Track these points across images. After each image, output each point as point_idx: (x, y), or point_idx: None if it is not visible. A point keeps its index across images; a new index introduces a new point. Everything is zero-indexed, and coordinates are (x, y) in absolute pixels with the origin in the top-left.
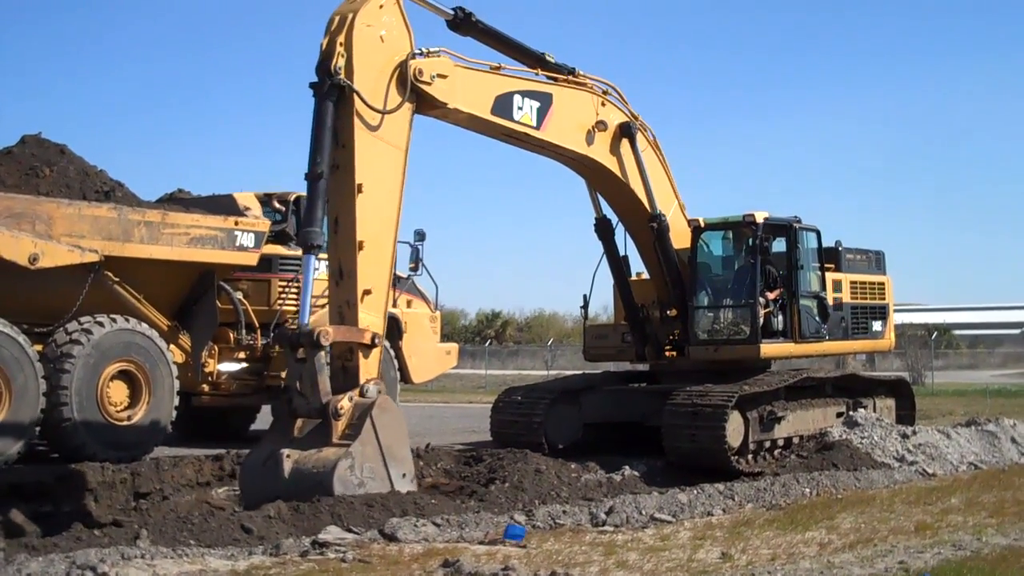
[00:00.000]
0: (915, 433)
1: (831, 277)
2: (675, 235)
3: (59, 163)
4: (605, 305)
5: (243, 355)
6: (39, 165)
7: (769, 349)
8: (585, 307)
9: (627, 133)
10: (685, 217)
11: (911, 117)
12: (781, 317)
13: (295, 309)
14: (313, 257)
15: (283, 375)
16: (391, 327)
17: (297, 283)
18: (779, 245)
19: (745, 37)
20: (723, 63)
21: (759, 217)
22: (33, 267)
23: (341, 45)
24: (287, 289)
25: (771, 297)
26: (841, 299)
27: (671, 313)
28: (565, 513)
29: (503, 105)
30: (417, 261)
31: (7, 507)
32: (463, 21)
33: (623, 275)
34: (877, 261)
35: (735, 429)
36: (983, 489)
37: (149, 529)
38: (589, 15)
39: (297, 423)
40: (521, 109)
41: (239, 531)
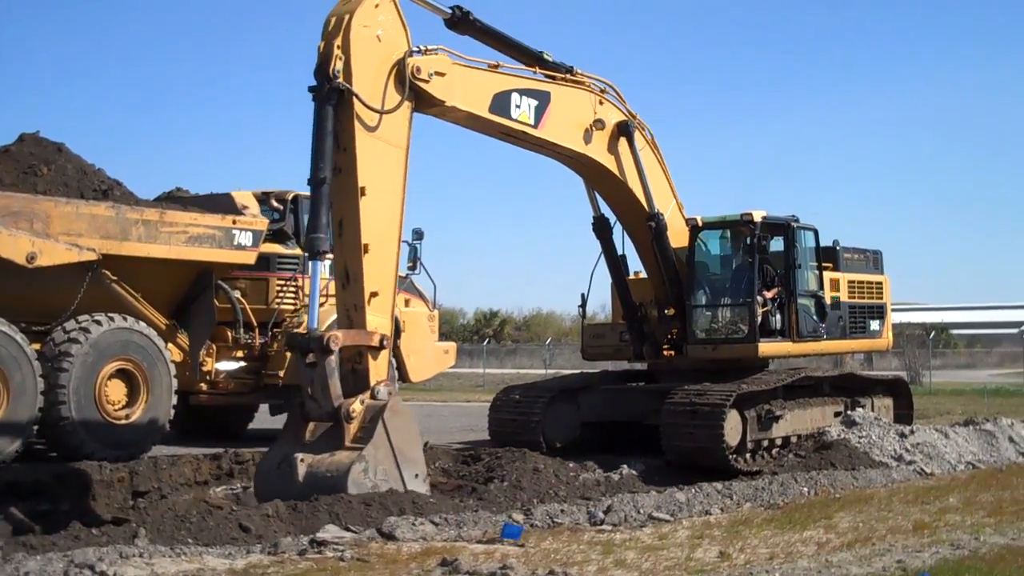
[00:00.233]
0: (913, 432)
1: (829, 276)
2: (673, 234)
3: (57, 161)
4: (603, 304)
5: (241, 354)
6: (37, 163)
7: (767, 348)
8: (583, 306)
9: (625, 132)
10: (683, 216)
11: (910, 116)
12: (779, 316)
13: (293, 308)
14: (320, 263)
15: (281, 374)
16: None
17: (295, 282)
18: (777, 244)
19: (745, 36)
20: (722, 62)
21: (757, 216)
22: (31, 266)
23: (339, 48)
24: (285, 288)
25: (769, 296)
26: (839, 298)
27: (669, 312)
28: (563, 512)
29: (501, 103)
30: (415, 260)
31: (5, 506)
32: (461, 20)
33: (621, 274)
34: (875, 260)
35: (733, 428)
36: (981, 488)
37: (147, 528)
38: (587, 14)
39: (309, 427)
40: (519, 107)
41: (237, 530)
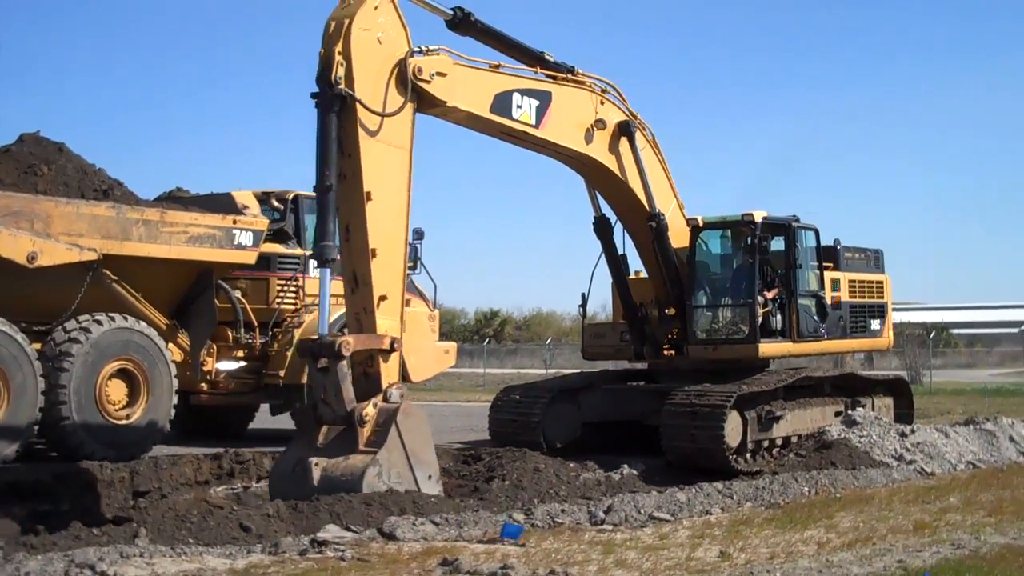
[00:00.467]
0: (913, 432)
1: (829, 276)
2: (674, 234)
3: (57, 161)
4: (604, 304)
5: (242, 354)
6: (37, 163)
7: (767, 348)
8: (584, 306)
9: (626, 132)
10: (684, 216)
11: (910, 116)
12: (779, 316)
13: (293, 307)
14: (329, 270)
15: (281, 373)
16: None
17: (296, 281)
18: (777, 244)
19: (745, 36)
20: (723, 62)
21: (757, 216)
22: (31, 266)
23: (340, 54)
24: (286, 288)
25: (769, 296)
26: (840, 298)
27: (670, 312)
28: (564, 512)
29: (502, 103)
30: (416, 260)
31: (6, 506)
32: (462, 21)
33: (622, 274)
34: (875, 260)
35: (733, 428)
36: (981, 488)
37: (148, 528)
38: (587, 13)
39: (322, 430)
40: (520, 107)
41: (237, 530)
